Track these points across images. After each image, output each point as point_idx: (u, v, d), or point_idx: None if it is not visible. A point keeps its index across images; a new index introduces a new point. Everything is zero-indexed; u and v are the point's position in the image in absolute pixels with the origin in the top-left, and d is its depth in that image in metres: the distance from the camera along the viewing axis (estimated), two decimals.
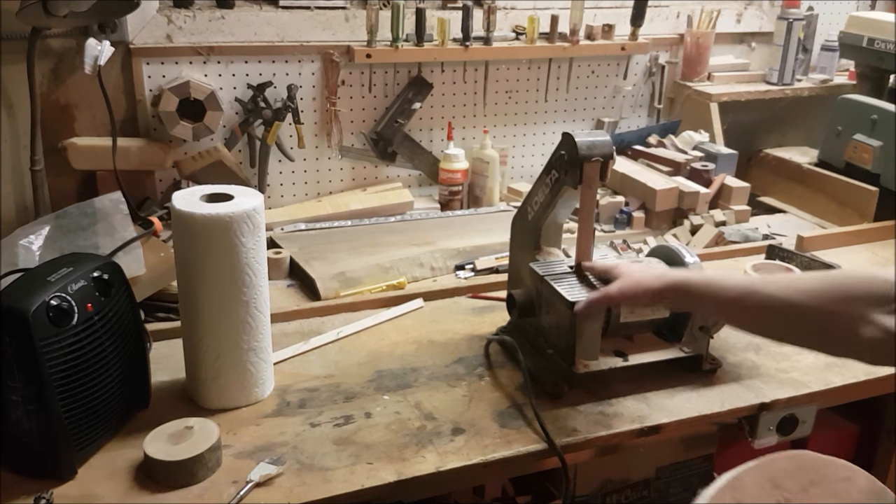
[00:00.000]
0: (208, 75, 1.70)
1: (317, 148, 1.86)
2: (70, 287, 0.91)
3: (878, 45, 1.99)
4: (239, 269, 1.01)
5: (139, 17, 1.59)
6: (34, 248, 1.29)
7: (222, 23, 1.69)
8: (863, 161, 1.87)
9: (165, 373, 1.13)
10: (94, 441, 0.96)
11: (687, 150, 2.03)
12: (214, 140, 1.72)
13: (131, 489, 0.92)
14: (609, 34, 2.01)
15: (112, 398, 0.98)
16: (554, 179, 1.12)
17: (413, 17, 1.81)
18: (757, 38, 2.29)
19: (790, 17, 2.13)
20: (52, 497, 0.90)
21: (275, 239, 1.61)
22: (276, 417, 1.06)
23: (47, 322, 0.88)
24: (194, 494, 0.91)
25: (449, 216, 1.84)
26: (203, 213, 0.99)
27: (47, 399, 0.89)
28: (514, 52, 1.94)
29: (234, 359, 1.05)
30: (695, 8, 2.14)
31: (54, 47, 1.57)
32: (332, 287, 1.44)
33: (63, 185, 1.63)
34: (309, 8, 1.77)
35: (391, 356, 1.22)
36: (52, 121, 1.58)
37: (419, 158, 1.97)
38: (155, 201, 1.69)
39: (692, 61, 2.16)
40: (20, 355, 0.87)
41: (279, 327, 1.27)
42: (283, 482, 0.94)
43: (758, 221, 1.89)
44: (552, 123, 2.09)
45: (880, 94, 2.03)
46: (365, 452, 0.99)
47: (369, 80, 1.85)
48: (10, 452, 0.93)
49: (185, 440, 0.94)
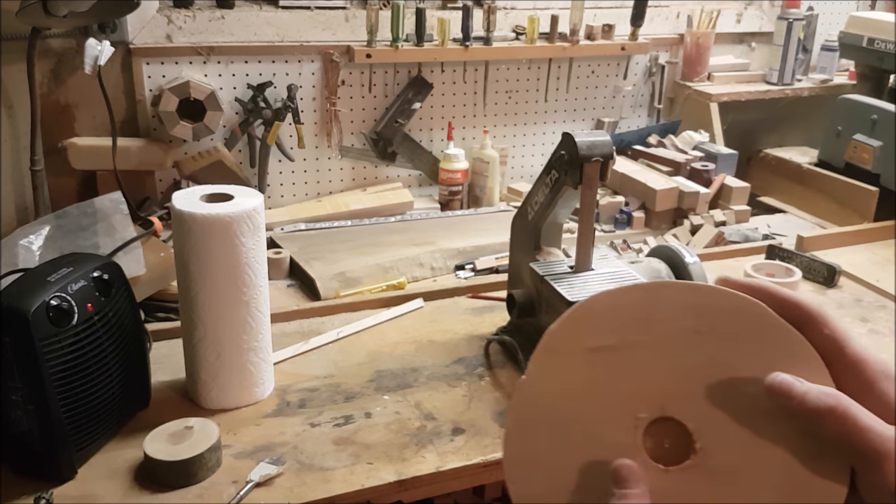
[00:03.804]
0: (208, 75, 1.70)
1: (317, 148, 1.86)
2: (70, 287, 0.91)
3: (878, 45, 1.99)
4: (239, 268, 1.01)
5: (139, 17, 1.59)
6: (34, 248, 1.29)
7: (222, 23, 1.69)
8: (863, 161, 1.87)
9: (165, 373, 1.13)
10: (94, 441, 0.96)
11: (687, 150, 2.03)
12: (214, 140, 1.72)
13: (131, 489, 0.92)
14: (609, 34, 2.01)
15: (112, 398, 0.98)
16: (554, 179, 1.12)
17: (413, 17, 1.81)
18: (757, 38, 2.29)
19: (790, 17, 2.13)
20: (52, 497, 0.90)
21: (275, 239, 1.61)
22: (277, 417, 1.06)
23: (47, 322, 0.88)
24: (194, 494, 0.91)
25: (449, 216, 1.84)
26: (203, 213, 0.99)
27: (47, 399, 0.89)
28: (514, 52, 1.94)
29: (235, 359, 1.05)
30: (695, 8, 2.14)
31: (54, 47, 1.57)
32: (332, 287, 1.44)
33: (63, 185, 1.63)
34: (309, 8, 1.77)
35: (391, 356, 1.22)
36: (52, 121, 1.58)
37: (419, 158, 1.97)
38: (155, 201, 1.69)
39: (692, 61, 2.16)
40: (20, 355, 0.87)
41: (279, 327, 1.27)
42: (283, 482, 0.94)
43: (758, 221, 1.89)
44: (552, 123, 2.09)
45: (880, 95, 2.03)
46: (365, 452, 0.99)
47: (369, 80, 1.85)
48: (10, 452, 0.93)
49: (185, 440, 0.94)
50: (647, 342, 0.47)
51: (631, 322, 0.47)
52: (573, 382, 0.48)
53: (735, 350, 0.46)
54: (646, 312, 0.47)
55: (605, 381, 0.47)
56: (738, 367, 0.46)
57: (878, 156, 1.83)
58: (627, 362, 0.47)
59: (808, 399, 0.42)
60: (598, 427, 0.47)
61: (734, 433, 0.45)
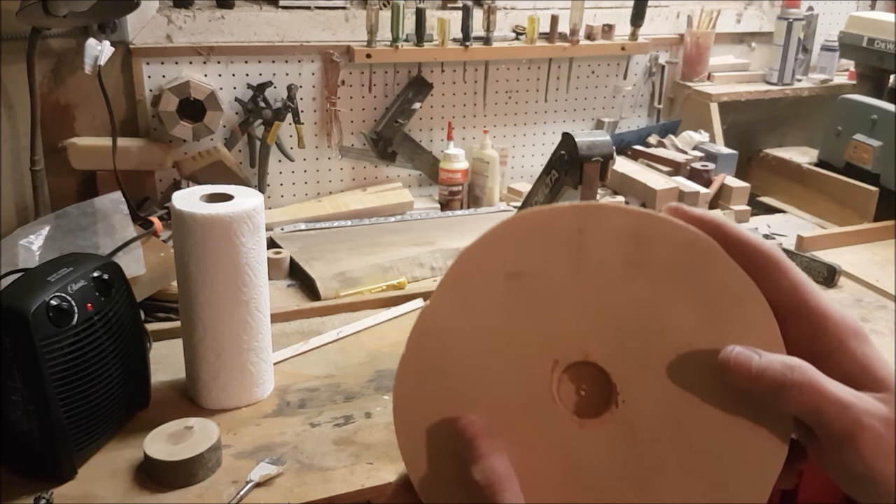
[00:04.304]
0: (208, 75, 1.70)
1: (317, 148, 1.85)
2: (70, 287, 0.91)
3: (878, 45, 1.99)
4: (239, 268, 1.01)
5: (139, 17, 1.59)
6: (34, 248, 1.29)
7: (222, 23, 1.69)
8: (863, 161, 1.87)
9: (165, 373, 1.13)
10: (94, 441, 0.96)
11: (687, 150, 2.03)
12: (214, 140, 1.72)
13: (131, 489, 0.92)
14: (609, 34, 2.01)
15: (112, 398, 0.98)
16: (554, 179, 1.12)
17: (413, 17, 1.81)
18: (757, 38, 2.29)
19: (790, 17, 2.13)
20: (51, 497, 0.90)
21: (275, 239, 1.61)
22: (276, 417, 1.06)
23: (47, 322, 0.88)
24: (194, 494, 0.91)
25: (449, 216, 1.84)
26: (203, 213, 0.99)
27: (47, 399, 0.89)
28: (514, 52, 1.94)
29: (234, 359, 1.05)
30: (695, 8, 2.14)
31: (54, 47, 1.57)
32: (332, 287, 1.43)
33: (63, 185, 1.63)
34: (309, 8, 1.77)
35: (391, 356, 1.22)
36: (52, 121, 1.58)
37: (419, 158, 1.97)
38: (155, 201, 1.69)
39: (692, 61, 2.15)
40: (20, 355, 0.87)
41: (279, 327, 1.27)
42: (283, 482, 0.94)
43: (758, 221, 1.89)
44: (552, 123, 2.09)
45: (880, 95, 2.03)
46: (365, 452, 0.99)
47: (369, 80, 1.85)
48: (10, 452, 0.93)
49: (185, 440, 0.94)
50: (576, 272, 0.40)
51: (559, 247, 0.40)
52: (485, 313, 0.40)
53: (675, 292, 0.39)
54: (578, 238, 0.40)
55: (523, 313, 0.40)
56: (677, 313, 0.39)
57: (878, 156, 1.83)
58: (551, 294, 0.40)
59: (766, 374, 0.36)
60: (508, 368, 0.40)
61: (664, 388, 0.39)
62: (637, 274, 0.39)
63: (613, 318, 0.40)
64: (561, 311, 0.40)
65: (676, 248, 0.39)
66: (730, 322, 0.39)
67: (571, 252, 0.40)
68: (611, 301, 0.40)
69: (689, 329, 0.39)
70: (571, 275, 0.40)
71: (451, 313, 0.41)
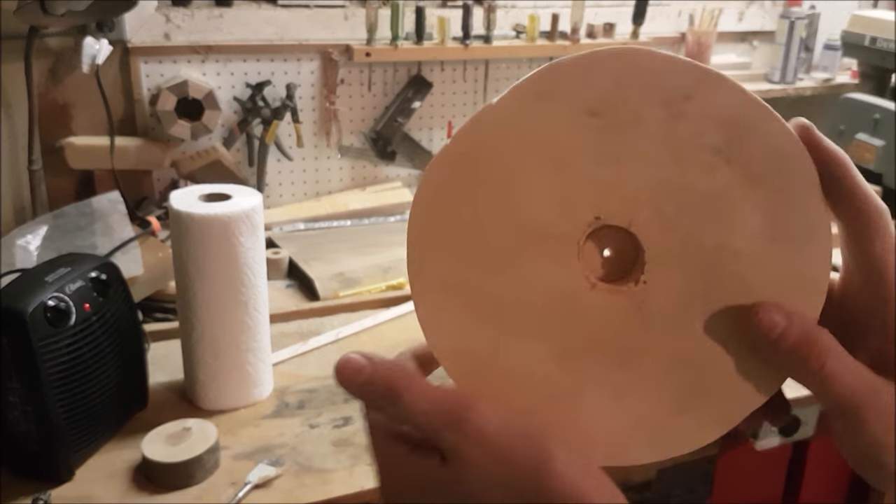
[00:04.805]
0: (206, 74, 1.69)
1: (316, 147, 1.85)
2: (68, 287, 0.91)
3: (881, 44, 1.98)
4: (237, 269, 1.01)
5: (137, 15, 1.58)
6: (32, 248, 1.28)
7: (221, 21, 1.68)
8: (865, 160, 1.86)
9: (163, 373, 1.13)
10: (91, 442, 0.96)
11: None
12: (213, 139, 1.71)
13: (129, 491, 0.91)
14: (610, 33, 2.00)
15: (110, 399, 0.97)
16: None
17: (413, 15, 1.80)
18: (759, 37, 2.29)
19: (792, 15, 2.13)
20: (49, 498, 0.89)
21: (273, 239, 1.61)
22: (275, 419, 1.05)
23: (45, 322, 0.87)
24: (192, 496, 0.91)
25: None
26: (201, 212, 0.98)
27: (45, 400, 0.88)
28: (514, 51, 1.94)
29: (233, 359, 1.04)
30: (696, 6, 2.13)
31: (52, 46, 1.57)
32: (332, 287, 1.43)
33: (61, 185, 1.62)
34: (308, 6, 1.76)
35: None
36: (49, 120, 1.58)
37: (419, 158, 1.96)
38: (153, 201, 1.68)
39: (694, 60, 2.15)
40: (17, 356, 0.87)
41: (278, 328, 1.26)
42: (281, 484, 0.93)
43: None
44: None
45: (883, 94, 2.02)
46: (364, 454, 0.98)
47: (368, 78, 1.84)
48: (8, 454, 0.93)
49: (183, 441, 0.94)
50: (662, 139, 0.36)
51: (658, 104, 0.36)
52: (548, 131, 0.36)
53: (752, 197, 0.36)
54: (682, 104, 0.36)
55: (588, 154, 0.36)
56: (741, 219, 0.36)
57: (881, 155, 1.82)
58: (623, 148, 0.36)
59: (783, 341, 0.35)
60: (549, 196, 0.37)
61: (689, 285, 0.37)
62: (723, 166, 0.36)
63: (678, 199, 0.37)
64: (627, 170, 0.37)
65: (777, 158, 0.36)
66: (787, 252, 0.37)
67: (669, 115, 0.36)
68: (682, 180, 0.36)
69: (743, 239, 0.37)
70: (656, 140, 0.36)
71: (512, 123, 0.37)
